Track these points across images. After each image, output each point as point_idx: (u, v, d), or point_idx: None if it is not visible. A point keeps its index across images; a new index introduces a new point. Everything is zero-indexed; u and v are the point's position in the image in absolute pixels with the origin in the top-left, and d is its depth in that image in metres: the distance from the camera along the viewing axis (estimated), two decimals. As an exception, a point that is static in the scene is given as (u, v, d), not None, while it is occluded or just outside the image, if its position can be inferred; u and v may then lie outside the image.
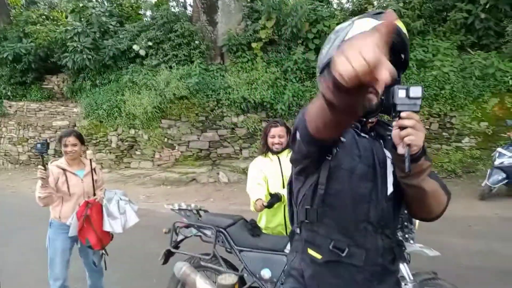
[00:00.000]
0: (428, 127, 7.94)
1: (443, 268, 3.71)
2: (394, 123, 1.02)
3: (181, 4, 12.39)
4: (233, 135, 8.74)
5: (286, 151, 2.83)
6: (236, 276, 1.62)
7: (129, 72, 9.33)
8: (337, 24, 8.87)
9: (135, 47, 9.32)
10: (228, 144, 8.80)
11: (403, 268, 2.35)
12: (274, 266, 2.43)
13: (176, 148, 8.92)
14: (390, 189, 1.21)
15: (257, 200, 2.61)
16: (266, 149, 2.87)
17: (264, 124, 8.04)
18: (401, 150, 1.02)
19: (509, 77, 7.48)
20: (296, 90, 8.33)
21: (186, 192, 7.77)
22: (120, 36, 9.73)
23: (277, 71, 8.53)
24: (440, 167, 7.59)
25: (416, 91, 0.98)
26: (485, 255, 4.09)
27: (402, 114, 0.99)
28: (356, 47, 0.64)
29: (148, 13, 12.89)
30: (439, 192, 1.15)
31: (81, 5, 10.87)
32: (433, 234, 4.64)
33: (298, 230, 1.33)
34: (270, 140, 2.82)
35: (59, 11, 14.56)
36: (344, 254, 1.19)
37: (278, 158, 2.82)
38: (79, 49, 9.15)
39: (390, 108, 1.02)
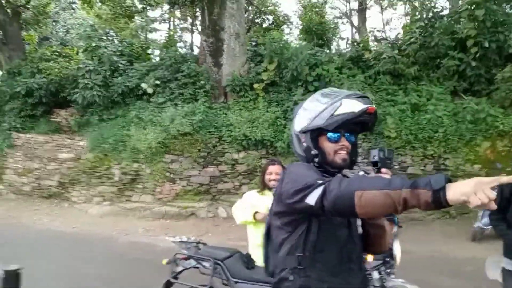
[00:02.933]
0: (423, 168, 8.15)
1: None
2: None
3: (189, 47, 13.05)
4: (233, 171, 8.95)
5: None
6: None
7: (136, 108, 9.70)
8: (336, 68, 9.26)
9: (143, 85, 9.75)
10: (228, 180, 8.98)
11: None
12: (267, 298, 2.58)
13: (177, 182, 9.10)
14: (360, 230, 1.46)
15: (255, 212, 2.92)
16: (263, 187, 3.12)
17: (264, 161, 8.27)
18: None
19: (500, 122, 7.79)
20: (296, 129, 8.59)
21: (185, 226, 7.87)
22: (130, 75, 10.20)
23: (278, 110, 8.89)
24: (435, 207, 7.71)
25: (389, 153, 1.38)
26: (475, 296, 4.16)
27: (382, 170, 1.36)
28: (480, 187, 0.98)
29: (156, 52, 13.57)
30: (389, 230, 1.44)
31: (93, 44, 11.51)
32: (423, 273, 4.73)
33: (291, 277, 1.39)
34: (267, 177, 3.08)
35: (71, 47, 15.28)
36: None
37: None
38: (89, 86, 9.56)
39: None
